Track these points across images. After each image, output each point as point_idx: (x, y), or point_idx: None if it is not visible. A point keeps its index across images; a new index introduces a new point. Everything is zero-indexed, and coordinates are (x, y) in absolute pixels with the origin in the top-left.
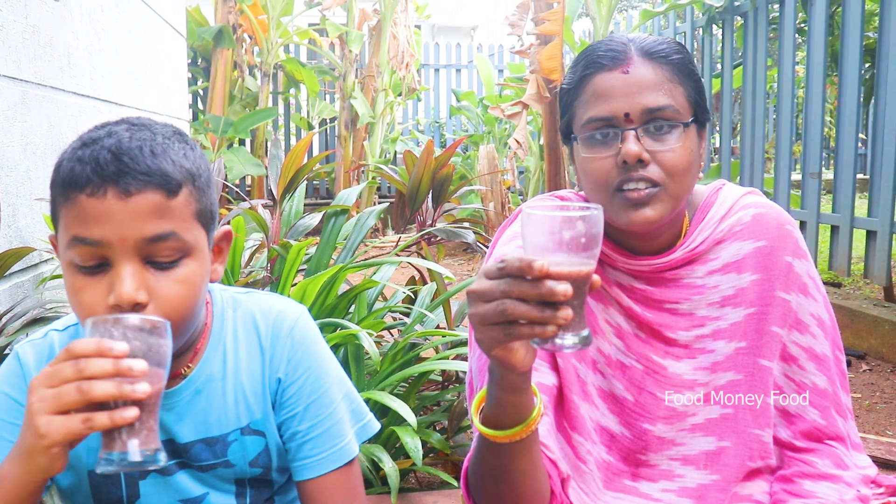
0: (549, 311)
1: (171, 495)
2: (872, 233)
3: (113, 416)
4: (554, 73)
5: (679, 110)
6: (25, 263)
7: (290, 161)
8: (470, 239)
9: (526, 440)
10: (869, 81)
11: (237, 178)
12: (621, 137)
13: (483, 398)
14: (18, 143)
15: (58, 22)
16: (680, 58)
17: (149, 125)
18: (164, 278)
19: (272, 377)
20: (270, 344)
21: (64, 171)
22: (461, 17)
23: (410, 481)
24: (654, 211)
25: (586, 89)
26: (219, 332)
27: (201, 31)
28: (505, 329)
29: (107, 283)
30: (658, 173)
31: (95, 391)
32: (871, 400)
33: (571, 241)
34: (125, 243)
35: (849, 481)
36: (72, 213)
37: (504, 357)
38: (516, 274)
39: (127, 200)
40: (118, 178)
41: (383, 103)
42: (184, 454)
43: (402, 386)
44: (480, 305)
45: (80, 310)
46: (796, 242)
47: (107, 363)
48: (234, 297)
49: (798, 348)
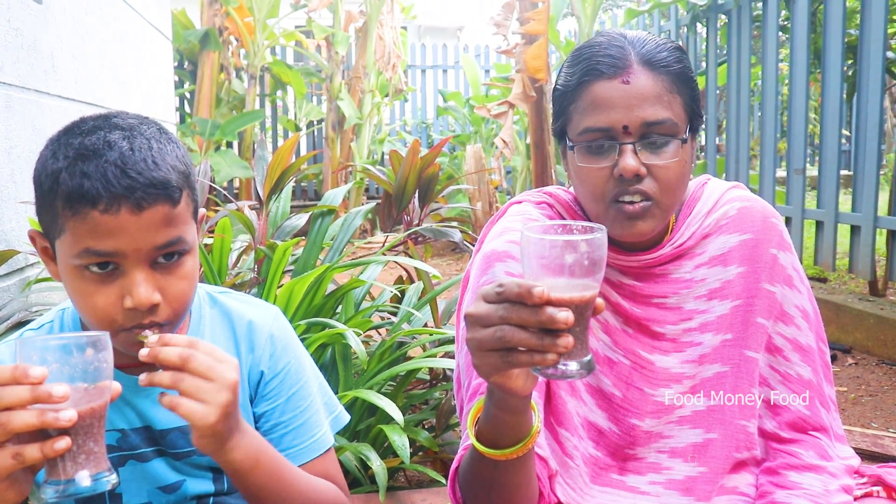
0: (548, 339)
1: (148, 482)
2: (857, 228)
3: (43, 447)
4: (539, 72)
5: (677, 123)
6: (10, 267)
7: (276, 162)
8: (457, 238)
9: (522, 457)
10: (851, 78)
11: (224, 180)
12: (619, 150)
13: (479, 411)
14: (2, 146)
15: (41, 25)
16: (680, 67)
17: (136, 127)
18: (171, 277)
19: (254, 370)
20: (248, 340)
21: (70, 186)
22: (447, 17)
23: (399, 480)
24: (646, 224)
25: (584, 96)
26: (197, 325)
27: (187, 34)
28: (503, 356)
29: (119, 288)
30: (653, 187)
31: (14, 423)
32: (856, 393)
33: (574, 265)
34: (139, 253)
35: (833, 472)
36: (83, 227)
37: (503, 383)
38: (515, 299)
39: (139, 215)
40: (130, 193)
41: (370, 104)
42: (161, 441)
43: (390, 385)
44: (478, 330)
45: (95, 313)
46: (781, 235)
47: (23, 391)
48: (210, 294)
49: (783, 339)
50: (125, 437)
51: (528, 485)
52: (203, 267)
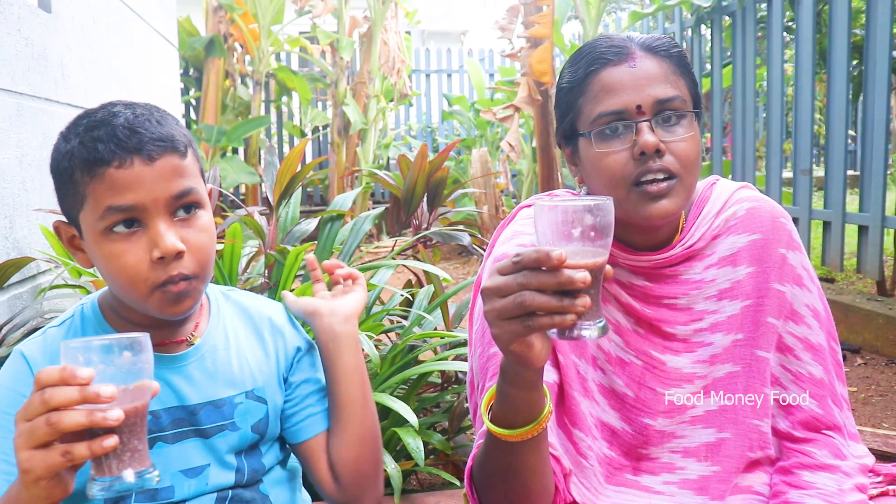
0: (567, 300)
1: (174, 464)
2: (864, 228)
3: (91, 446)
4: (544, 75)
5: (685, 100)
6: (23, 275)
7: (285, 168)
8: (465, 241)
9: (536, 437)
10: (857, 78)
11: (231, 186)
12: (635, 129)
13: (492, 397)
14: (14, 154)
15: (51, 34)
16: (678, 51)
17: (138, 104)
18: (191, 229)
19: (290, 348)
20: (272, 327)
21: (85, 152)
22: (451, 22)
23: (412, 483)
24: (671, 203)
25: (592, 85)
26: (217, 313)
27: (192, 41)
28: (524, 321)
29: (145, 242)
30: (674, 163)
31: (64, 423)
32: (866, 393)
33: (585, 230)
34: (157, 203)
35: (847, 471)
36: (102, 187)
37: (521, 352)
38: (533, 265)
39: (152, 165)
40: (140, 147)
41: (375, 109)
42: (192, 418)
43: (402, 388)
44: (497, 301)
45: (125, 273)
46: (790, 235)
47: (72, 391)
48: (221, 291)
49: (794, 339)
50: (156, 418)
51: (544, 471)
52: (213, 272)
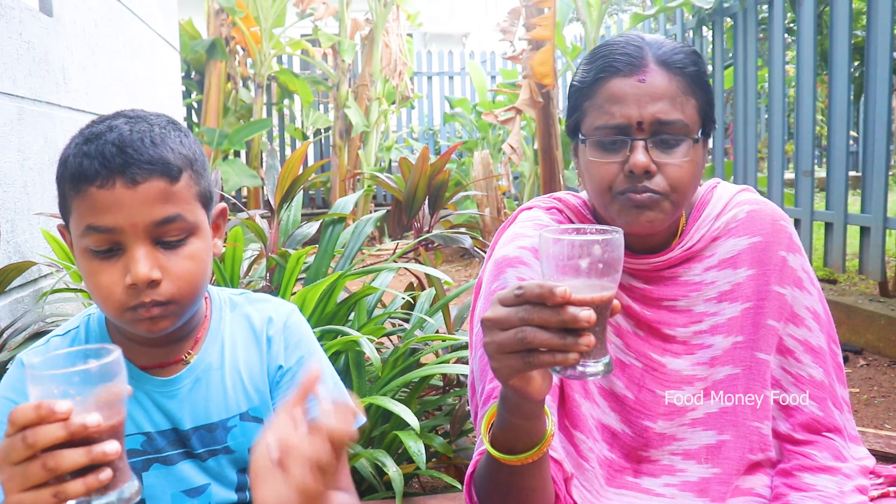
0: (570, 339)
1: (173, 485)
2: (866, 229)
3: (87, 482)
4: (546, 77)
5: (689, 125)
6: (25, 279)
7: (286, 171)
8: (467, 244)
9: (537, 461)
10: (858, 79)
11: (233, 189)
12: (630, 146)
13: (492, 417)
14: (15, 158)
15: (52, 38)
16: (695, 70)
17: (144, 117)
18: (174, 256)
19: (272, 365)
20: (267, 336)
21: (72, 166)
22: (452, 24)
23: (413, 486)
24: (654, 214)
25: (600, 92)
26: (217, 326)
27: (194, 44)
28: (524, 357)
29: (121, 266)
30: (662, 185)
31: (65, 466)
32: (869, 394)
33: (592, 265)
34: (136, 228)
35: (847, 473)
36: (84, 205)
37: (521, 387)
38: (536, 300)
39: (134, 189)
40: (124, 169)
41: (377, 112)
42: (186, 442)
43: (404, 391)
44: (497, 334)
45: (98, 291)
46: (790, 237)
47: (57, 430)
48: (231, 298)
49: (794, 341)
50: (150, 440)
51: (544, 488)
52: (215, 275)
